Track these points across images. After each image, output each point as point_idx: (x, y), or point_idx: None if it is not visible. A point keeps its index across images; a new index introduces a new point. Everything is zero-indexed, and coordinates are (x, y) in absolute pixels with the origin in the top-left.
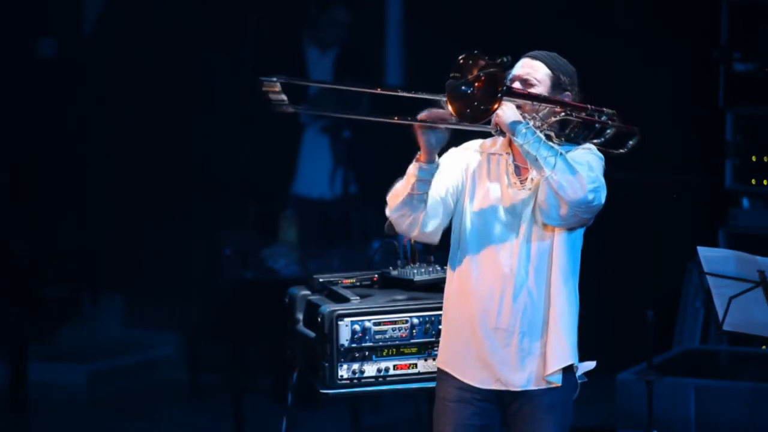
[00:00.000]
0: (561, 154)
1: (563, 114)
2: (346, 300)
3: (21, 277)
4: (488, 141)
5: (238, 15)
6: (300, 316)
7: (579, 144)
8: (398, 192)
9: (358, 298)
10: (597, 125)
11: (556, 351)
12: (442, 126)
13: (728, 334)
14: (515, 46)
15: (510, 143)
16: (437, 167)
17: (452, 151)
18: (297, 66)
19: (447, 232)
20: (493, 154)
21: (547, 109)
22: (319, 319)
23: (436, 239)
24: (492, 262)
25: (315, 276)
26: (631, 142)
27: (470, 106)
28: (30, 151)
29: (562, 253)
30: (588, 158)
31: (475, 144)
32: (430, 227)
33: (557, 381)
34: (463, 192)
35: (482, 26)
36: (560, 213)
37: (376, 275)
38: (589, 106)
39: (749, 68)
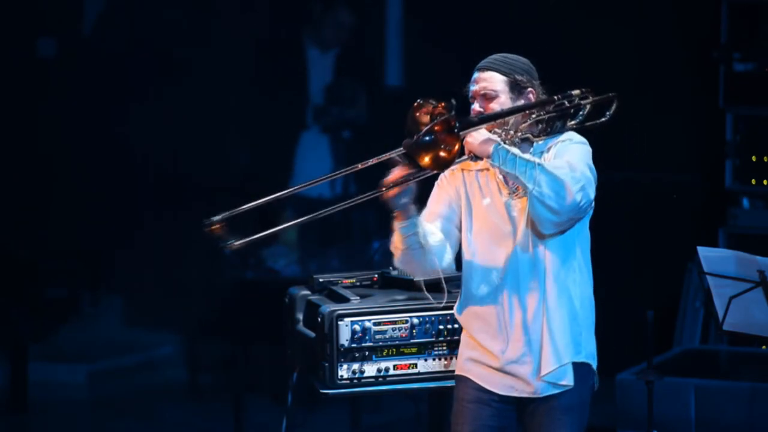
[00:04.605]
0: (538, 164)
1: (534, 116)
2: (346, 300)
3: (21, 277)
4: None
5: (239, 15)
6: (300, 316)
7: (560, 133)
8: (396, 245)
9: (358, 298)
10: (571, 110)
11: (550, 351)
12: (411, 181)
13: (728, 334)
14: (515, 46)
15: None
16: (417, 218)
17: (441, 177)
18: (297, 66)
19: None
20: (481, 170)
21: (516, 117)
22: (319, 319)
23: (454, 267)
24: (497, 276)
25: (315, 276)
26: (609, 112)
27: (437, 153)
28: (29, 150)
29: (558, 255)
30: (568, 156)
31: (458, 165)
32: (446, 262)
33: (568, 381)
34: (461, 214)
35: (482, 26)
36: (554, 222)
37: (376, 275)
38: (555, 97)
39: (749, 68)
